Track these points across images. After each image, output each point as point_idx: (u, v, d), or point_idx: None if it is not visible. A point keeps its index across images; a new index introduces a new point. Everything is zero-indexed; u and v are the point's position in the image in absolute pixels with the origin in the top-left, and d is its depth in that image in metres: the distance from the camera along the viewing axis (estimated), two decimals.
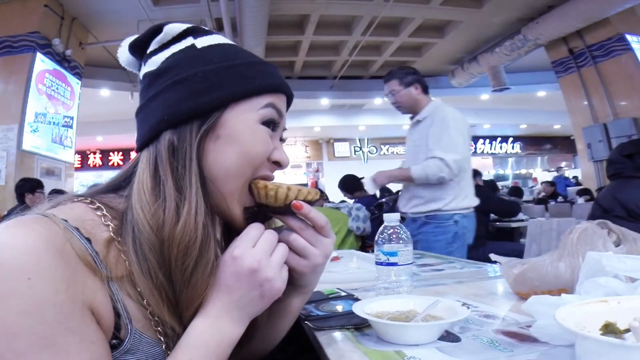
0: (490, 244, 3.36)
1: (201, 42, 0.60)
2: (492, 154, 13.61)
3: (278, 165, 0.62)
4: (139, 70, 0.63)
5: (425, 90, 2.38)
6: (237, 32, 5.77)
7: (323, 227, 0.60)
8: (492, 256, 0.92)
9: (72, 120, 5.61)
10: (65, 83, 5.47)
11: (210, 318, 0.54)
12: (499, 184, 8.49)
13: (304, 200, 0.59)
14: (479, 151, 13.39)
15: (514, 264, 0.89)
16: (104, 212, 0.53)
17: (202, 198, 0.54)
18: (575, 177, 9.97)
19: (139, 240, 0.52)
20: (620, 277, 0.58)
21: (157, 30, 0.60)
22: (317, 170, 12.58)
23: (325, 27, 6.66)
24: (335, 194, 6.61)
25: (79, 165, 9.90)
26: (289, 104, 0.66)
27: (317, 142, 12.78)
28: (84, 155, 11.13)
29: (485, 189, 3.91)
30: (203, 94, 0.55)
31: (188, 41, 0.60)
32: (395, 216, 0.91)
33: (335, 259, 1.57)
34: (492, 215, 3.83)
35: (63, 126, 5.39)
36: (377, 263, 0.91)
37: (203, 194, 0.54)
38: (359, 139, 12.83)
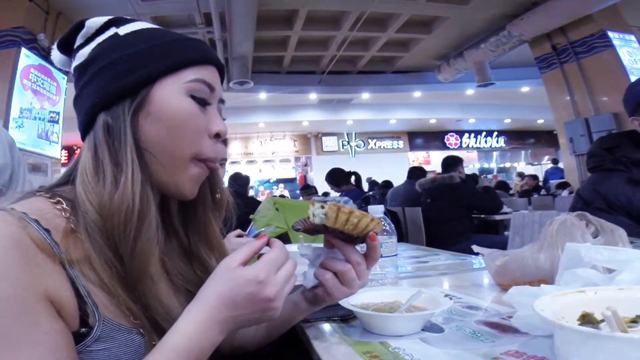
0: (475, 236, 3.39)
1: (124, 29, 0.60)
2: (477, 147, 13.74)
3: (218, 136, 0.60)
4: (70, 66, 0.64)
5: None
6: (226, 27, 5.69)
7: (376, 260, 0.65)
8: (475, 247, 0.93)
9: (58, 116, 5.49)
10: (50, 78, 5.35)
11: (202, 325, 0.52)
12: (485, 177, 8.56)
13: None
14: (464, 145, 13.50)
15: (496, 255, 0.90)
16: (63, 205, 0.54)
17: (139, 168, 0.54)
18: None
19: (88, 223, 0.52)
20: (598, 268, 0.59)
21: (80, 25, 0.62)
22: (306, 165, 12.57)
23: (313, 23, 6.62)
24: (323, 188, 6.63)
25: (66, 161, 9.74)
26: (222, 76, 0.64)
27: (306, 137, 12.76)
28: (70, 150, 10.94)
29: (471, 185, 3.93)
30: (130, 73, 0.56)
31: (111, 31, 0.60)
32: (380, 208, 0.92)
33: None
34: None
35: (49, 121, 5.28)
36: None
37: (140, 165, 0.54)
38: (347, 134, 12.83)
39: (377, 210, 0.92)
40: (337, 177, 4.19)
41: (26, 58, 4.85)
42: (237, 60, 6.68)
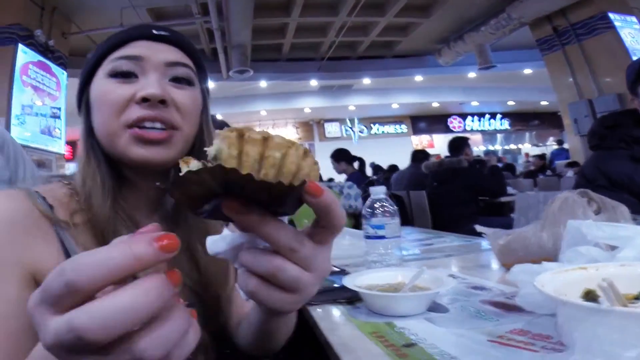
0: (481, 219, 3.39)
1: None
2: (481, 130, 13.67)
3: (146, 100, 0.58)
4: None
5: None
6: (223, 16, 5.65)
7: (335, 230, 0.36)
8: (478, 228, 0.94)
9: (60, 111, 5.51)
10: (50, 74, 5.35)
11: None
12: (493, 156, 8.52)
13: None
14: (468, 128, 13.44)
15: (500, 235, 0.91)
16: (76, 189, 0.62)
17: (85, 153, 0.62)
18: None
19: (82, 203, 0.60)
20: (601, 246, 0.60)
21: None
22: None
23: (311, 9, 6.57)
24: (328, 174, 6.63)
25: (70, 156, 9.80)
26: (159, 38, 0.64)
27: (308, 124, 12.73)
28: (74, 145, 10.99)
29: (478, 168, 3.91)
30: (81, 81, 0.66)
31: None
32: (382, 189, 0.92)
33: None
34: None
35: (51, 117, 5.30)
36: (366, 237, 0.92)
37: (86, 149, 0.63)
38: (349, 119, 12.80)
39: (378, 191, 0.93)
40: (337, 153, 4.18)
41: (24, 55, 4.85)
42: (235, 49, 6.64)
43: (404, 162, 5.10)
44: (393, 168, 6.43)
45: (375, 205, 0.92)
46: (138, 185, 0.64)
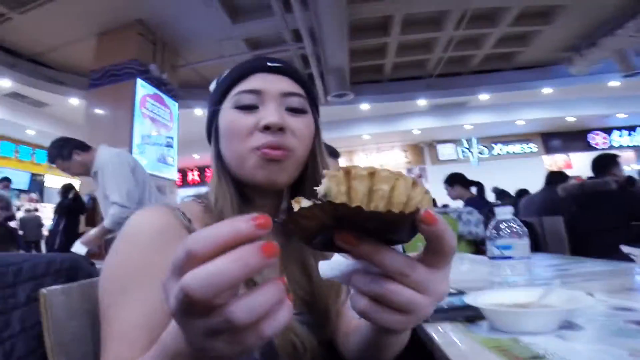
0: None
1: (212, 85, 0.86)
2: (633, 146, 12.21)
3: (268, 128, 0.71)
4: None
5: (83, 147, 2.71)
6: (317, 42, 6.00)
7: (446, 254, 0.40)
8: (624, 248, 0.89)
9: (173, 140, 6.30)
10: (164, 105, 6.17)
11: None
12: None
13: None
14: (615, 144, 12.11)
15: None
16: (209, 206, 0.77)
17: (216, 173, 0.79)
18: None
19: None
20: None
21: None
22: (420, 176, 12.30)
23: (412, 26, 6.66)
24: (442, 200, 6.47)
25: (180, 183, 11.00)
26: (274, 69, 0.77)
27: (418, 146, 12.59)
28: (183, 172, 12.34)
29: (628, 190, 3.51)
30: (209, 113, 0.83)
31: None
32: (508, 209, 0.93)
33: None
34: None
35: (165, 146, 6.08)
36: (491, 258, 0.93)
37: (217, 171, 0.79)
38: (466, 139, 12.37)
39: (505, 211, 0.93)
40: (451, 177, 4.10)
41: (142, 88, 5.68)
42: (332, 73, 6.94)
43: (535, 187, 4.78)
44: (522, 192, 6.03)
45: (501, 225, 0.92)
46: (257, 204, 0.79)
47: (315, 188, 0.36)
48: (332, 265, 0.43)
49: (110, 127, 5.53)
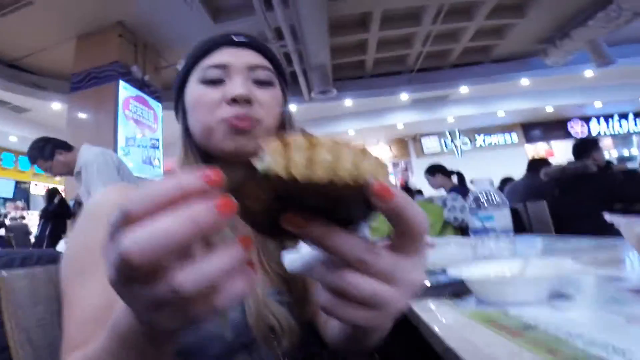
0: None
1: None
2: (611, 134, 12.38)
3: (235, 101, 0.70)
4: None
5: (65, 146, 2.68)
6: (299, 39, 5.97)
7: (415, 234, 0.34)
8: (607, 216, 0.85)
9: (158, 142, 6.20)
10: (147, 107, 6.06)
11: None
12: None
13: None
14: (594, 132, 12.25)
15: (637, 223, 0.82)
16: None
17: (183, 147, 0.76)
18: None
19: None
20: None
21: None
22: (406, 169, 12.31)
23: (390, 22, 6.66)
24: (427, 192, 6.47)
25: None
26: (240, 44, 0.77)
27: (403, 140, 12.58)
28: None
29: (612, 172, 3.53)
30: (175, 87, 0.80)
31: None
32: (486, 179, 0.89)
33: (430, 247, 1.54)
34: None
35: (151, 147, 5.98)
36: (474, 232, 0.89)
37: (184, 145, 0.76)
38: (449, 132, 12.41)
39: (483, 182, 0.90)
40: (431, 167, 4.13)
41: (124, 90, 5.57)
42: (315, 70, 6.94)
43: (518, 176, 4.79)
44: (506, 180, 6.04)
45: (480, 197, 0.89)
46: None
47: (254, 162, 0.30)
48: (295, 258, 0.39)
49: (94, 130, 5.40)
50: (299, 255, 0.38)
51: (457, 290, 0.74)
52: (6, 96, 7.15)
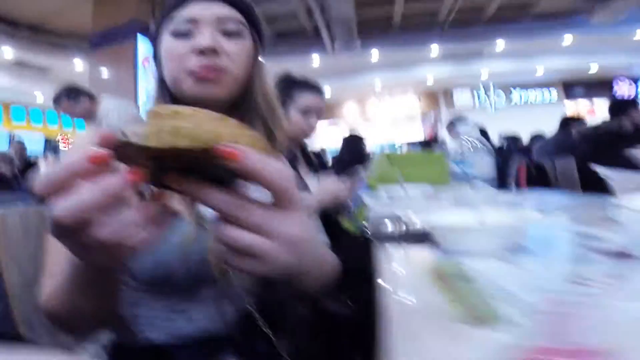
0: None
1: None
2: None
3: (202, 52, 0.73)
4: None
5: (91, 96, 2.81)
6: None
7: (285, 191, 0.39)
8: (599, 170, 0.79)
9: None
10: None
11: None
12: None
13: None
14: None
15: (631, 179, 0.76)
16: None
17: (158, 91, 0.82)
18: None
19: None
20: None
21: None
22: (436, 121, 11.74)
23: None
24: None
25: None
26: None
27: (433, 93, 12.14)
28: None
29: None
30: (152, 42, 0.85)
31: None
32: (470, 120, 0.84)
33: None
34: None
35: None
36: (453, 177, 0.86)
37: (158, 90, 0.82)
38: (483, 85, 11.82)
39: (467, 126, 0.84)
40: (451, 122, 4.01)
41: (144, 46, 5.63)
42: (338, 23, 6.82)
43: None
44: (537, 137, 5.75)
45: (462, 141, 0.84)
46: None
47: (129, 135, 0.34)
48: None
49: (115, 86, 5.50)
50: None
51: (422, 238, 0.71)
52: (30, 58, 7.34)
